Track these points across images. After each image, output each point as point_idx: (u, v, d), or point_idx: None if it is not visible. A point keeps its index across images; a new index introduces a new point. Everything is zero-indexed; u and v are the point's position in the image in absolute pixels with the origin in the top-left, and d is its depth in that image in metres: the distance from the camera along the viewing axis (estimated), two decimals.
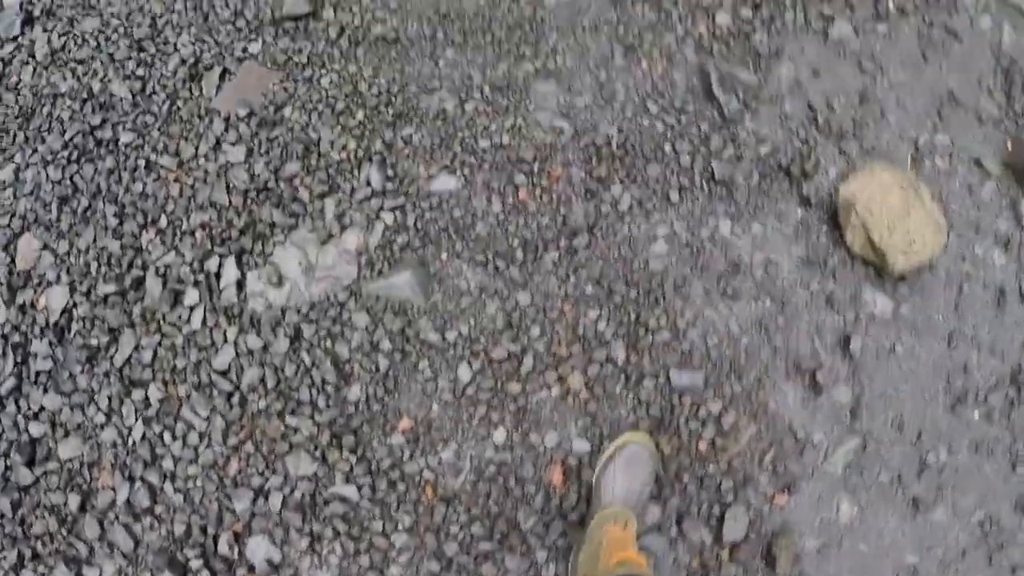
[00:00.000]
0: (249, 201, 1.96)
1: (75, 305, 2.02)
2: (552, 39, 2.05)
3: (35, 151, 2.17)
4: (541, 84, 1.99)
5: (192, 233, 1.98)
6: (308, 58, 2.06)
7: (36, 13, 2.36)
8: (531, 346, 1.85)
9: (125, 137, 2.10)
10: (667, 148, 1.96)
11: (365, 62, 2.04)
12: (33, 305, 2.05)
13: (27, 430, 1.95)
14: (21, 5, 2.42)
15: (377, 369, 1.85)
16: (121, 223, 2.03)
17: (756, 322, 1.91)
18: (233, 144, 2.01)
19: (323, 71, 2.04)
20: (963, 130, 2.25)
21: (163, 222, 2.01)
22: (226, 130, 2.03)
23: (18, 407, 1.98)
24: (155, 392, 1.92)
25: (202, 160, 2.02)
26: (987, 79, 2.34)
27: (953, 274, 2.09)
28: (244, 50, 2.11)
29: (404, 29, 2.07)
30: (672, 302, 1.88)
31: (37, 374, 1.98)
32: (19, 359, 2.00)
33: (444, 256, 1.88)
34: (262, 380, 1.88)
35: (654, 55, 2.05)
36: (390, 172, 1.93)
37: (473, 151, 1.93)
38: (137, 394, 1.92)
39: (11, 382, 1.98)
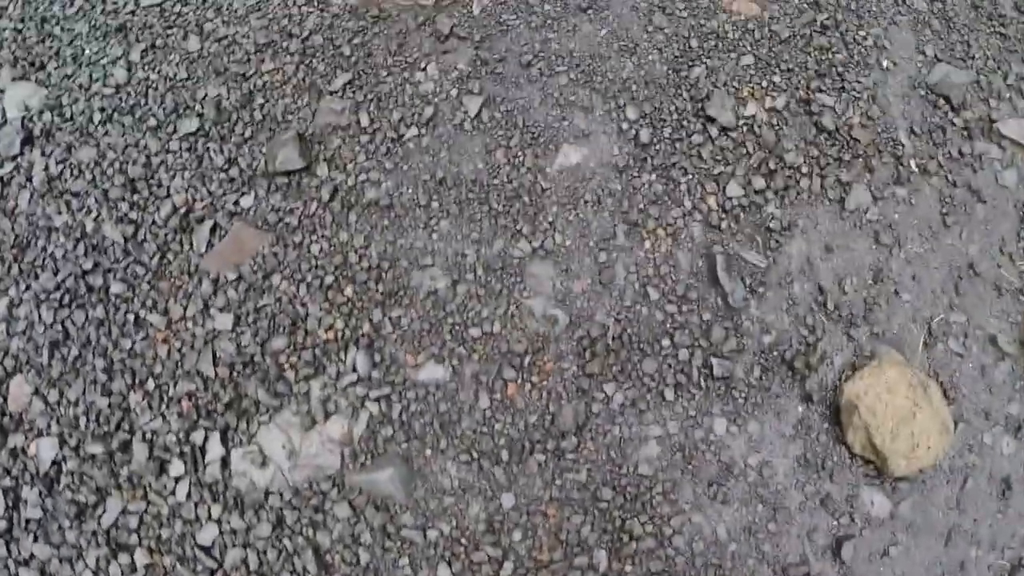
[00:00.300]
0: (235, 374, 1.89)
1: (64, 459, 1.97)
2: (552, 213, 1.91)
3: (28, 287, 2.12)
4: (537, 266, 1.86)
5: (179, 401, 1.93)
6: (299, 220, 1.94)
7: (36, 132, 2.28)
8: (512, 550, 1.77)
9: (116, 287, 2.02)
10: (665, 341, 1.84)
11: (357, 229, 1.91)
12: (24, 451, 1.99)
13: (17, 574, 1.88)
14: (23, 122, 2.29)
15: (357, 562, 1.79)
16: (110, 379, 1.97)
17: (745, 528, 1.81)
18: (221, 310, 1.93)
19: (314, 237, 1.92)
20: (980, 305, 2.11)
21: (150, 385, 1.95)
22: (214, 293, 1.93)
23: (8, 551, 1.94)
24: (141, 558, 1.92)
25: (190, 323, 1.94)
26: (1009, 244, 2.19)
27: (957, 467, 1.97)
28: (236, 203, 2.00)
29: (399, 195, 1.94)
30: (659, 508, 1.78)
31: (27, 521, 1.99)
32: (10, 503, 1.94)
33: (428, 452, 1.79)
34: (244, 561, 1.84)
35: (659, 233, 1.91)
36: (377, 357, 1.83)
37: (463, 339, 1.81)
38: (123, 558, 1.92)
39: (2, 525, 1.93)
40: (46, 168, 2.27)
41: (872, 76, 2.29)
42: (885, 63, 2.35)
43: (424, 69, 2.10)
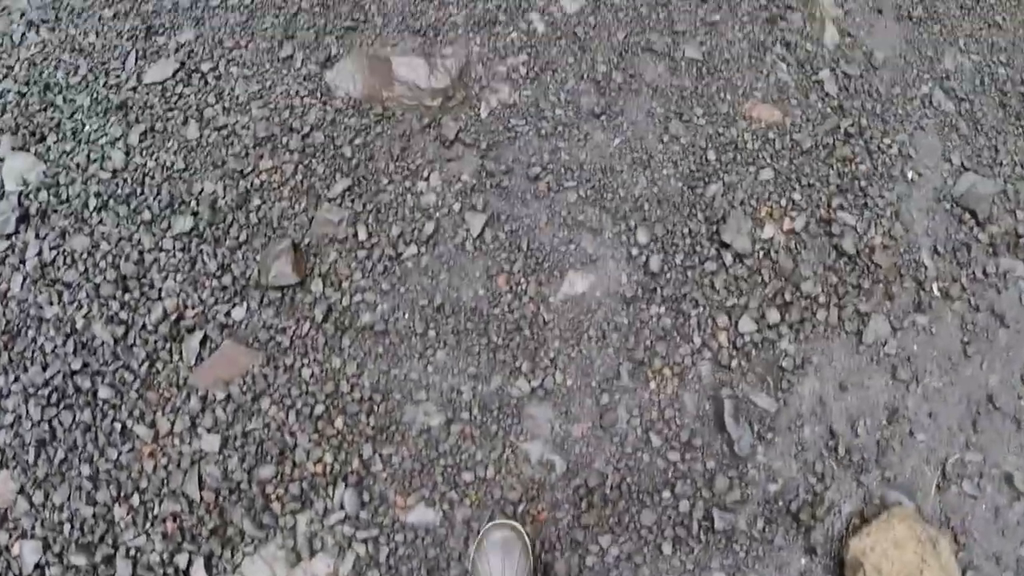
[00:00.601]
0: (221, 499, 1.71)
1: (48, 564, 1.79)
2: (553, 348, 1.69)
3: (17, 379, 1.95)
4: (536, 407, 1.66)
5: (163, 521, 1.72)
6: (291, 341, 1.74)
7: (32, 211, 2.06)
8: None
9: (104, 392, 1.84)
10: (666, 492, 1.65)
11: (350, 355, 1.71)
12: (8, 549, 1.82)
13: None
14: (19, 198, 2.08)
15: None
16: (95, 488, 1.80)
17: None
18: (208, 430, 1.75)
19: (305, 361, 1.73)
20: (998, 441, 1.90)
21: (135, 500, 1.77)
22: (202, 411, 1.75)
23: None
24: None
25: (177, 440, 1.76)
26: None
27: None
28: (227, 315, 1.81)
29: (394, 320, 1.73)
30: None
31: None
32: None
33: None
34: None
35: (665, 373, 1.69)
36: (366, 496, 1.64)
37: (455, 483, 1.62)
38: None
39: None
40: (39, 253, 2.08)
41: (896, 189, 2.04)
42: (910, 174, 2.09)
43: (427, 178, 1.88)
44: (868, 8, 2.35)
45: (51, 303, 2.06)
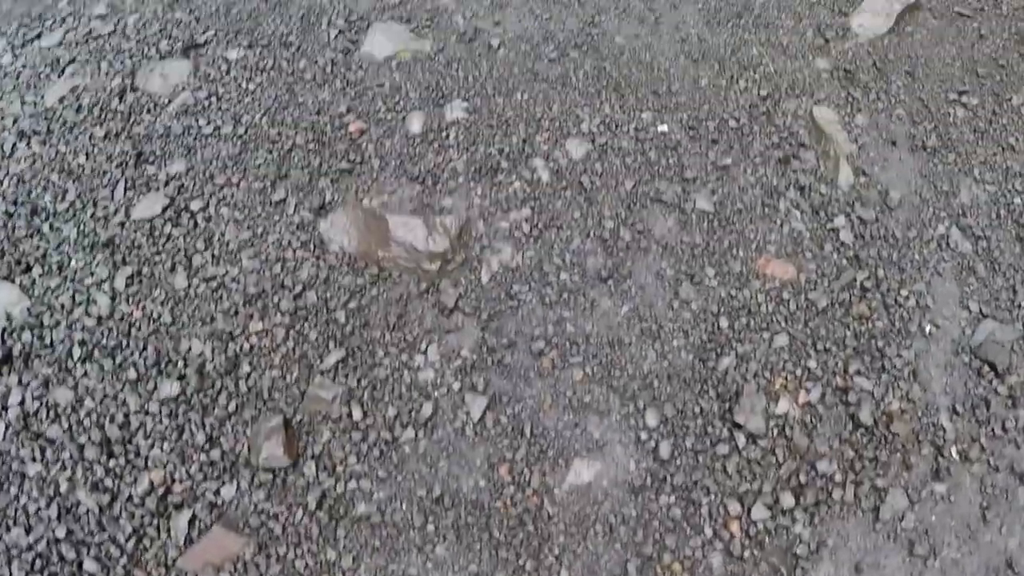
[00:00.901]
0: None
1: None
2: (558, 544, 1.55)
3: (0, 539, 1.71)
4: None
5: None
6: (283, 528, 1.60)
7: (15, 352, 1.89)
8: None
9: (89, 565, 1.73)
10: None
11: (345, 548, 1.57)
12: None
13: None
14: (3, 336, 1.92)
15: None
16: None
17: None
18: None
19: (298, 551, 1.59)
20: None
21: None
22: None
23: None
24: None
25: None
26: None
27: None
28: (216, 493, 1.67)
29: (391, 511, 1.58)
30: None
31: None
32: None
33: None
34: None
35: (675, 568, 1.57)
36: None
37: None
38: None
39: None
40: (22, 402, 1.91)
41: (914, 347, 1.88)
42: (928, 327, 1.93)
43: (425, 352, 1.72)
44: (882, 141, 2.18)
45: (34, 459, 1.90)
